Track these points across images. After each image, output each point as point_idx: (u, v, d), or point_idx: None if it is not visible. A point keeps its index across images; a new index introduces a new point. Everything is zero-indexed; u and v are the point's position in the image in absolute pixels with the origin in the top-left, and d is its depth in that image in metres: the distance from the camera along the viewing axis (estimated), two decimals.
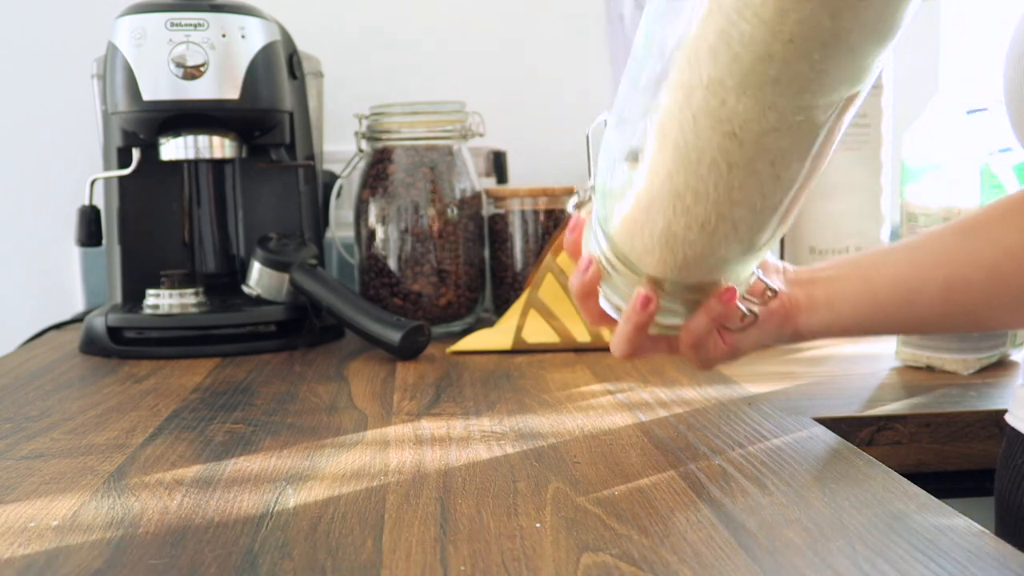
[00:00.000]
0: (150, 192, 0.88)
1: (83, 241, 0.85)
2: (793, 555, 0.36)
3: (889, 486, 0.44)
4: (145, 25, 0.78)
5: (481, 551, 0.37)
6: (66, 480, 0.48)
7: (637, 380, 0.67)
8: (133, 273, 0.87)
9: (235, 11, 0.80)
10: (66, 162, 1.05)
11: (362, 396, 0.65)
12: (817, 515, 0.40)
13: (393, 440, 0.54)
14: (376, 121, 0.88)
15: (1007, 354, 0.70)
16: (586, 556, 0.37)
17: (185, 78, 0.78)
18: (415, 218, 0.86)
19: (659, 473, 0.47)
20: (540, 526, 0.40)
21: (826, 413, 0.58)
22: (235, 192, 0.92)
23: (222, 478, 0.47)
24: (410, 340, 0.76)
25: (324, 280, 0.82)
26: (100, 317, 0.81)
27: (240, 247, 0.93)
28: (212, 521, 0.41)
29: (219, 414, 0.60)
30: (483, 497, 0.44)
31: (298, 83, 0.87)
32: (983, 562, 0.35)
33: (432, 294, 0.86)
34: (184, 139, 0.82)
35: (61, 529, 0.41)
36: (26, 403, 0.64)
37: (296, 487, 0.46)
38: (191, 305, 0.83)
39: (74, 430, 0.57)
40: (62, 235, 1.05)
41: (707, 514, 0.41)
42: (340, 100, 1.02)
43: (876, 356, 0.75)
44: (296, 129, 0.87)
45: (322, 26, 1.05)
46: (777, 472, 0.46)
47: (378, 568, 0.36)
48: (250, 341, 0.81)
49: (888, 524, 0.39)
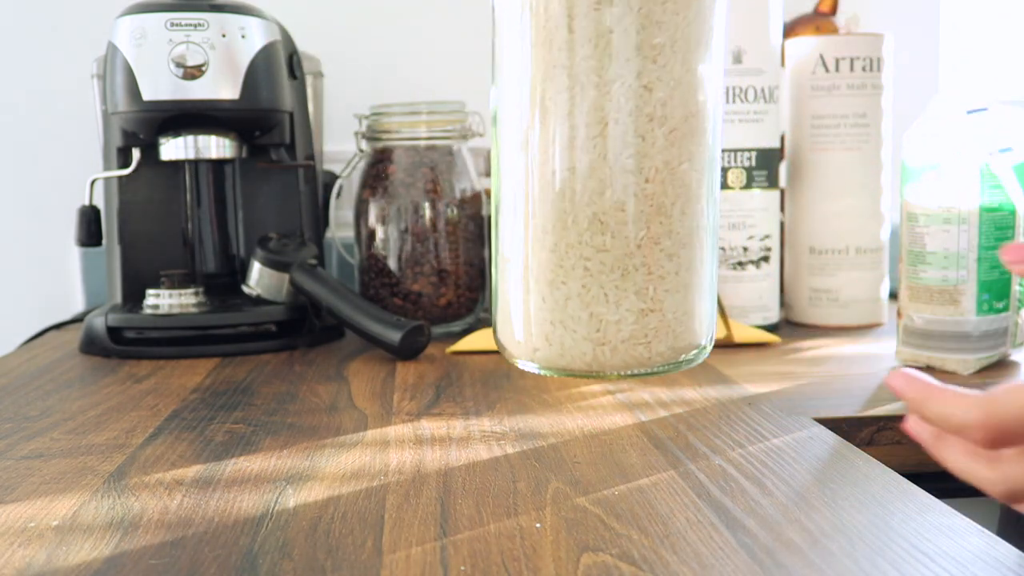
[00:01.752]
0: (150, 192, 0.88)
1: (83, 241, 0.85)
2: (793, 555, 0.36)
3: (889, 486, 0.44)
4: (145, 25, 0.78)
5: (481, 551, 0.37)
6: (66, 480, 0.48)
7: (637, 380, 0.67)
8: (133, 273, 0.87)
9: (235, 11, 0.80)
10: (66, 162, 1.05)
11: (362, 396, 0.65)
12: (817, 515, 0.40)
13: (393, 440, 0.54)
14: (376, 121, 0.88)
15: (1007, 354, 0.70)
16: (586, 556, 0.37)
17: (185, 78, 0.78)
18: (415, 218, 0.86)
19: (659, 473, 0.47)
20: (540, 526, 0.40)
21: (826, 413, 0.58)
22: (235, 192, 0.92)
23: (222, 478, 0.47)
24: (410, 340, 0.76)
25: (324, 280, 0.82)
26: (100, 317, 0.81)
27: (240, 247, 0.93)
28: (212, 521, 0.41)
29: (219, 414, 0.60)
30: (483, 497, 0.44)
31: (298, 83, 0.87)
32: (983, 562, 0.35)
33: (432, 294, 0.86)
34: (184, 139, 0.82)
35: (61, 529, 0.41)
36: (26, 403, 0.64)
37: (296, 487, 0.46)
38: (191, 305, 0.83)
39: (74, 430, 0.57)
40: (62, 235, 1.05)
41: (707, 514, 0.41)
42: (340, 100, 1.02)
43: (876, 356, 0.75)
44: (296, 129, 0.87)
45: (322, 26, 1.05)
46: (777, 472, 0.46)
47: (378, 568, 0.36)
48: (250, 341, 0.81)
49: (888, 524, 0.39)
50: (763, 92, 0.82)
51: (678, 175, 0.41)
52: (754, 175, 0.83)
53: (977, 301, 0.66)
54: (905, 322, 0.70)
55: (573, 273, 0.41)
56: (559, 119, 0.40)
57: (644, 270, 0.41)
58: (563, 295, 0.41)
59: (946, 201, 0.66)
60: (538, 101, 0.40)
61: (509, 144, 0.42)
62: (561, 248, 0.41)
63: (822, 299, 0.88)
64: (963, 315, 0.67)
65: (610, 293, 0.41)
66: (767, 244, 0.84)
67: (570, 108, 0.40)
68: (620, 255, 0.41)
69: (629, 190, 0.40)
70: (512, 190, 0.42)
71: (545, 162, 0.41)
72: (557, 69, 0.40)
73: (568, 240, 0.41)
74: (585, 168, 0.40)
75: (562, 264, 0.41)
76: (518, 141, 0.41)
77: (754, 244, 0.83)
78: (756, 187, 0.83)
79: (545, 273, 0.42)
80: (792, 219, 0.90)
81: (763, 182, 0.83)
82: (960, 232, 0.66)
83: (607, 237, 0.40)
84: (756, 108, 0.82)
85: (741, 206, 0.83)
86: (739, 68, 0.82)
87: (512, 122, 0.42)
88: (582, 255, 0.41)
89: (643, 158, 0.40)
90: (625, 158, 0.40)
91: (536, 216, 0.41)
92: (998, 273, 0.67)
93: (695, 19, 0.40)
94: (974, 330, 0.67)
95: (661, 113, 0.40)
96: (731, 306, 0.83)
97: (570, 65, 0.39)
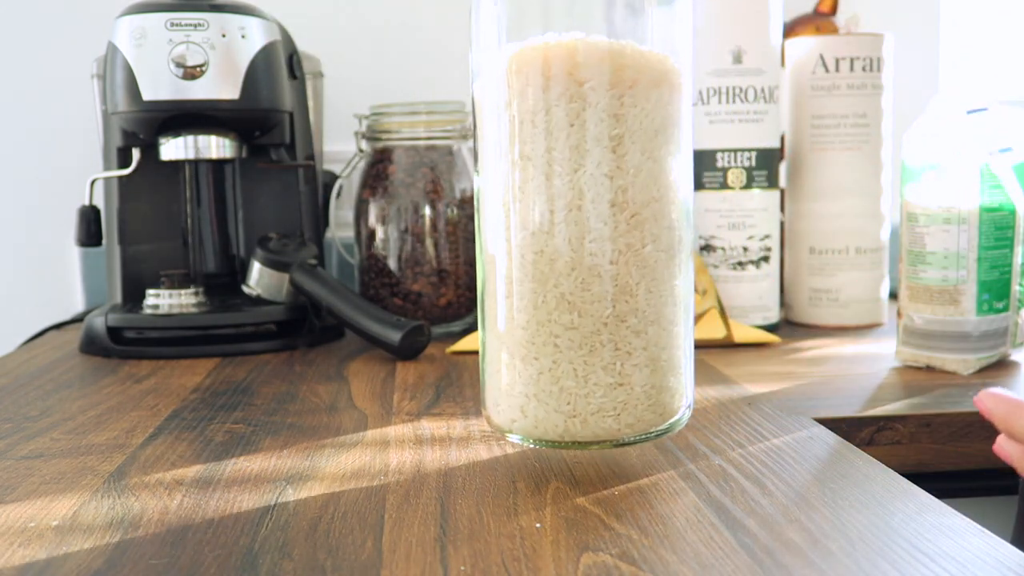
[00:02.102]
0: (150, 192, 0.88)
1: (83, 241, 0.85)
2: (793, 555, 0.36)
3: (889, 486, 0.44)
4: (145, 25, 0.78)
5: (481, 551, 0.37)
6: (66, 480, 0.48)
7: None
8: (133, 273, 0.87)
9: (235, 11, 0.80)
10: (66, 162, 1.05)
11: (362, 396, 0.65)
12: (817, 515, 0.40)
13: (393, 440, 0.54)
14: (376, 121, 0.88)
15: (1007, 354, 0.70)
16: (586, 556, 0.37)
17: (185, 78, 0.78)
18: (415, 218, 0.86)
19: (659, 473, 0.47)
20: (540, 526, 0.40)
21: (826, 413, 0.58)
22: (235, 192, 0.92)
23: (222, 478, 0.47)
24: (410, 340, 0.76)
25: (324, 280, 0.82)
26: (100, 317, 0.81)
27: (240, 247, 0.93)
28: (212, 521, 0.41)
29: (219, 414, 0.60)
30: (483, 497, 0.44)
31: (298, 83, 0.87)
32: (983, 562, 0.35)
33: (432, 294, 0.86)
34: (184, 139, 0.82)
35: (61, 529, 0.41)
36: (26, 403, 0.64)
37: (296, 487, 0.46)
38: (191, 305, 0.83)
39: (74, 430, 0.57)
40: (62, 235, 1.05)
41: (707, 514, 0.41)
42: (340, 100, 1.02)
43: (876, 356, 0.75)
44: (296, 129, 0.87)
45: (322, 26, 1.05)
46: (777, 472, 0.46)
47: (378, 568, 0.36)
48: (250, 341, 0.81)
49: (888, 524, 0.39)
50: (763, 92, 0.82)
51: (642, 256, 0.43)
52: (754, 175, 0.83)
53: (977, 301, 0.66)
54: (905, 322, 0.70)
55: (544, 349, 0.44)
56: (528, 207, 0.43)
57: (611, 346, 0.43)
58: (536, 370, 0.44)
59: (946, 201, 0.66)
60: (510, 189, 0.44)
61: (489, 228, 0.45)
62: (533, 326, 0.44)
63: (822, 299, 0.88)
64: (963, 315, 0.67)
65: (579, 368, 0.43)
66: (767, 244, 0.84)
67: (537, 197, 0.43)
68: (588, 332, 0.43)
69: (594, 271, 0.43)
70: (493, 271, 0.45)
71: (518, 245, 0.44)
72: (525, 160, 0.43)
73: (539, 318, 0.44)
74: (552, 251, 0.43)
75: (534, 341, 0.44)
76: (496, 226, 0.45)
77: (754, 244, 0.83)
78: (756, 187, 0.83)
79: (520, 349, 0.44)
80: (792, 219, 0.90)
81: (763, 182, 0.83)
82: (960, 232, 0.66)
83: (574, 315, 0.43)
84: (756, 108, 0.82)
85: (741, 206, 0.83)
86: (739, 68, 0.82)
87: (490, 208, 0.45)
88: (552, 332, 0.43)
89: (606, 241, 0.43)
90: (588, 242, 0.43)
91: (511, 295, 0.44)
92: (998, 273, 0.67)
93: (652, 111, 0.43)
94: (974, 330, 0.67)
95: (622, 199, 0.43)
96: (731, 306, 0.83)
97: (535, 157, 0.43)
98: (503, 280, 0.45)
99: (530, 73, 0.42)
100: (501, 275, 0.45)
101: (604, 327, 0.43)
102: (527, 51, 0.43)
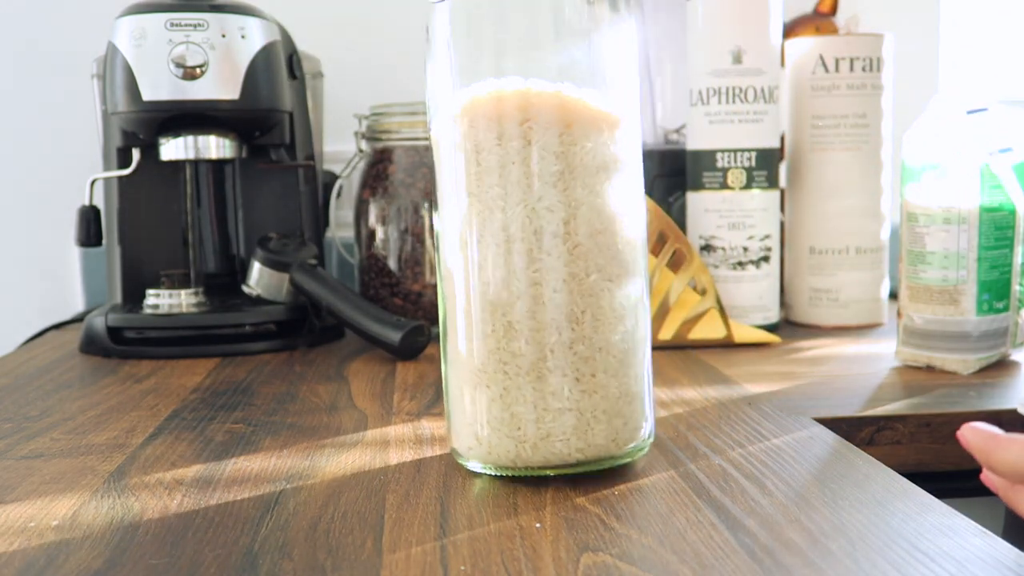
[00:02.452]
0: (150, 192, 0.88)
1: (83, 241, 0.85)
2: (793, 555, 0.36)
3: (889, 486, 0.44)
4: (145, 25, 0.78)
5: (481, 551, 0.37)
6: (66, 480, 0.48)
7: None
8: (133, 273, 0.87)
9: (235, 11, 0.80)
10: (66, 162, 1.05)
11: (362, 396, 0.65)
12: (817, 515, 0.40)
13: (393, 440, 0.54)
14: (376, 121, 0.88)
15: (1007, 354, 0.70)
16: (586, 556, 0.37)
17: (185, 78, 0.78)
18: (415, 218, 0.86)
19: (659, 473, 0.47)
20: (540, 526, 0.40)
21: (826, 413, 0.58)
22: (235, 192, 0.92)
23: (222, 478, 0.47)
24: (410, 340, 0.76)
25: (324, 280, 0.82)
26: (100, 317, 0.81)
27: (240, 247, 0.93)
28: (212, 521, 0.41)
29: (219, 414, 0.60)
30: (483, 497, 0.44)
31: (298, 83, 0.87)
32: (983, 562, 0.35)
33: (432, 294, 0.86)
34: (184, 139, 0.82)
35: (61, 529, 0.41)
36: (26, 403, 0.64)
37: (296, 487, 0.46)
38: (191, 305, 0.83)
39: (74, 430, 0.57)
40: (62, 235, 1.05)
41: (707, 514, 0.41)
42: (340, 100, 1.02)
43: (876, 356, 0.75)
44: (296, 129, 0.87)
45: (322, 26, 1.05)
46: (777, 472, 0.46)
47: (378, 568, 0.36)
48: (250, 341, 0.81)
49: (888, 524, 0.39)
50: (763, 92, 0.82)
51: (586, 285, 0.45)
52: (754, 175, 0.83)
53: (977, 301, 0.66)
54: (905, 322, 0.70)
55: (496, 377, 0.45)
56: (476, 240, 0.45)
57: (559, 372, 0.45)
58: (487, 397, 0.45)
59: (946, 201, 0.66)
60: (461, 225, 0.46)
61: (446, 261, 0.47)
62: (484, 353, 0.45)
63: (822, 299, 0.88)
64: (963, 315, 0.67)
65: (528, 395, 0.45)
66: (767, 244, 0.84)
67: (483, 231, 0.45)
68: (535, 359, 0.45)
69: (538, 300, 0.44)
70: (453, 303, 0.47)
71: (469, 278, 0.46)
72: (472, 197, 0.45)
73: (489, 346, 0.45)
74: (499, 281, 0.45)
75: (485, 369, 0.45)
76: (452, 259, 0.47)
77: (754, 244, 0.83)
78: (756, 187, 0.83)
79: (472, 377, 0.46)
80: (792, 219, 0.90)
81: (763, 182, 0.83)
82: (960, 232, 0.66)
83: (521, 343, 0.44)
84: (756, 108, 0.82)
85: (741, 206, 0.83)
86: (739, 68, 0.82)
87: (447, 243, 0.47)
88: (501, 360, 0.45)
89: (549, 271, 0.44)
90: (532, 272, 0.44)
91: (465, 326, 0.46)
92: (998, 273, 0.67)
93: (592, 150, 0.45)
94: (974, 330, 0.67)
95: (564, 231, 0.44)
96: (731, 306, 0.83)
97: (479, 193, 0.45)
98: (461, 312, 0.46)
99: (479, 116, 0.45)
100: (459, 307, 0.46)
101: (551, 354, 0.44)
102: (479, 96, 0.45)
